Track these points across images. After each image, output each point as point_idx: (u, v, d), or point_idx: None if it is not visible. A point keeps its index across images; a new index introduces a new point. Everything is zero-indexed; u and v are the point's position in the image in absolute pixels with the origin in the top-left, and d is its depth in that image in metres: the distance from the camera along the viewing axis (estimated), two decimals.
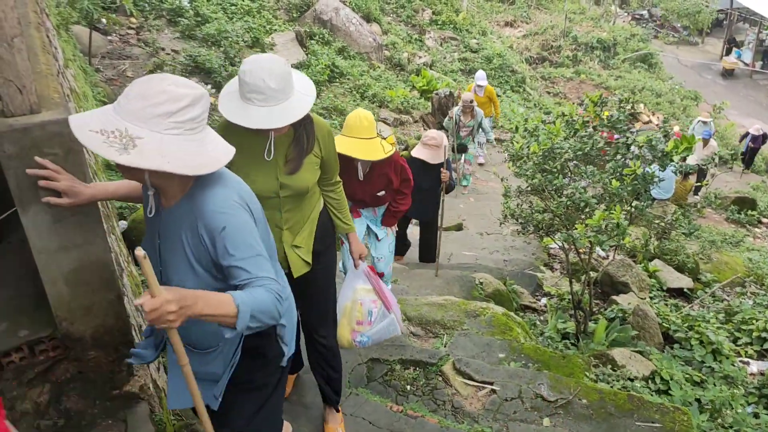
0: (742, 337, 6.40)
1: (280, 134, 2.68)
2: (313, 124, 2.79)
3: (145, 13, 11.75)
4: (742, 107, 23.59)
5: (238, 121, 2.41)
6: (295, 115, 2.47)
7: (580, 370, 4.55)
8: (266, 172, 2.70)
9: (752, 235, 11.92)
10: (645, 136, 4.86)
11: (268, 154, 2.66)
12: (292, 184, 2.74)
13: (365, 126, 3.76)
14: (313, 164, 2.80)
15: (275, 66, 2.42)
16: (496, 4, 26.44)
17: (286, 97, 2.45)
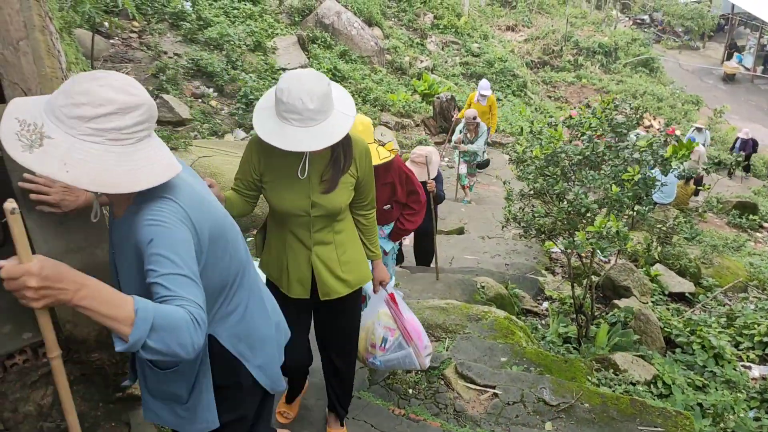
0: (744, 341, 6.39)
1: (317, 153, 2.56)
2: (351, 142, 2.64)
3: (148, 17, 11.78)
4: (743, 112, 23.60)
5: (275, 143, 2.30)
6: (335, 137, 2.33)
7: (582, 374, 4.55)
8: (298, 191, 2.59)
9: (753, 240, 11.92)
10: (646, 140, 4.86)
11: (302, 172, 2.54)
12: (324, 204, 2.61)
13: (359, 131, 3.43)
14: (348, 185, 2.66)
15: (316, 86, 2.28)
16: (498, 8, 26.50)
17: (325, 118, 2.33)
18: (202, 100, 10.71)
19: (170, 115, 9.52)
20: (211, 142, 8.63)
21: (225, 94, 11.13)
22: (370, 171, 2.75)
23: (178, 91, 10.38)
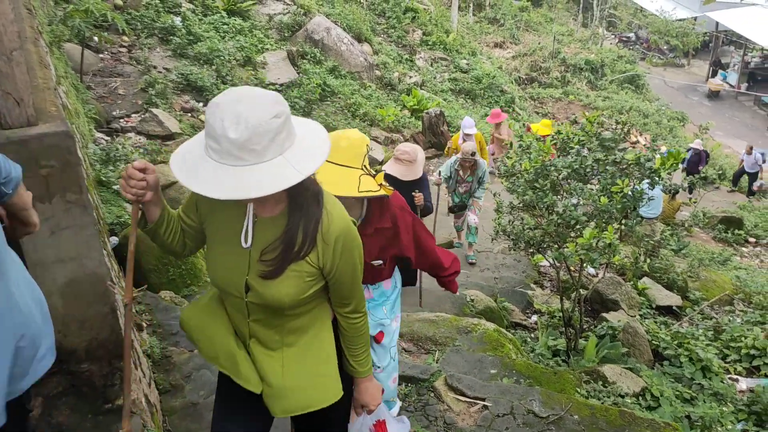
0: (731, 354, 6.43)
1: (271, 215, 1.93)
2: (322, 218, 1.91)
3: (137, 32, 11.80)
4: (728, 128, 23.89)
5: (175, 169, 1.73)
6: (252, 190, 1.65)
7: (571, 386, 4.56)
8: (235, 262, 1.96)
9: (739, 254, 12.02)
10: (634, 155, 4.92)
11: (245, 238, 1.92)
12: (262, 292, 1.93)
13: (342, 147, 2.63)
14: (305, 275, 1.94)
15: (254, 112, 1.64)
16: (486, 25, 26.76)
17: (254, 161, 1.66)
18: (191, 114, 10.72)
19: (159, 129, 9.51)
20: None
21: None
22: (349, 262, 1.99)
23: (168, 105, 10.38)
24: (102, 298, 2.33)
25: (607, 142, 5.08)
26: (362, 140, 2.68)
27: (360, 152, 2.65)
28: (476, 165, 7.84)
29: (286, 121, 1.71)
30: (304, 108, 12.55)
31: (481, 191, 8.00)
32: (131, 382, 2.01)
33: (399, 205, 2.95)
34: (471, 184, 8.01)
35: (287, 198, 1.91)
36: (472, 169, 7.86)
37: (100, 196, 5.36)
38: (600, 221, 4.74)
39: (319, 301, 2.09)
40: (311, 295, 1.99)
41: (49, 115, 2.19)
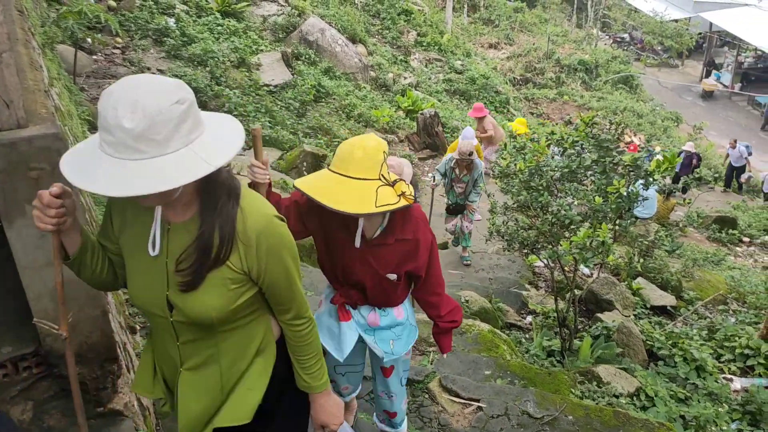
0: (725, 354, 6.45)
1: (182, 219, 1.73)
2: (236, 216, 1.72)
3: (131, 33, 11.78)
4: (722, 128, 23.97)
5: (66, 173, 1.51)
6: (154, 185, 1.44)
7: (565, 386, 4.56)
8: (152, 276, 1.76)
9: (733, 254, 12.05)
10: (631, 156, 4.93)
11: (152, 245, 1.71)
12: (183, 308, 1.74)
13: (357, 158, 2.36)
14: (230, 283, 1.74)
15: (153, 99, 1.46)
16: (480, 26, 26.79)
17: (155, 152, 1.46)
18: None
19: None
20: None
21: (209, 109, 11.10)
22: (279, 263, 1.79)
23: None
24: (93, 301, 2.31)
25: (605, 143, 5.08)
26: (379, 148, 2.40)
27: (377, 161, 2.38)
28: (473, 165, 7.58)
29: (190, 109, 1.54)
30: (299, 109, 12.54)
31: (475, 195, 7.76)
32: (80, 411, 1.97)
33: (423, 218, 2.74)
34: (467, 185, 7.75)
35: (199, 198, 1.71)
36: (469, 168, 7.61)
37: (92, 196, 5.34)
38: (595, 221, 4.74)
39: (258, 313, 1.91)
40: (243, 305, 1.79)
41: (39, 117, 2.17)
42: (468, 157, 7.42)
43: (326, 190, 2.32)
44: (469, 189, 7.76)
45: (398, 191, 2.38)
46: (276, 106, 12.10)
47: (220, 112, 1.75)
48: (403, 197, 2.39)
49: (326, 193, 2.30)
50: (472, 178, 7.65)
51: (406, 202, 2.39)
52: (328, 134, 12.16)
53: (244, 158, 9.48)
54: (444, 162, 7.84)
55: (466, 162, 7.51)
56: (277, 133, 10.93)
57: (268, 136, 10.73)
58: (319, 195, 2.29)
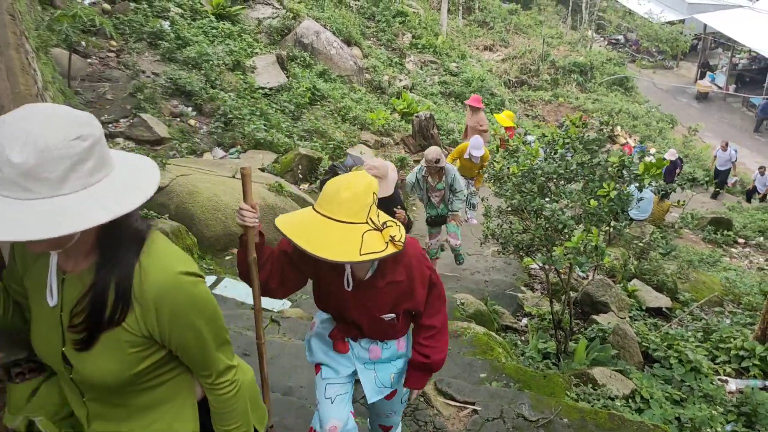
0: (721, 355, 6.46)
1: (77, 269, 1.55)
2: (134, 275, 1.51)
3: (126, 36, 11.75)
4: (717, 130, 24.04)
5: None
6: (41, 228, 1.28)
7: (561, 389, 4.56)
8: (50, 328, 1.60)
9: (729, 255, 12.08)
10: (617, 157, 4.94)
11: (50, 294, 1.55)
12: (80, 368, 1.57)
13: (344, 200, 2.21)
14: (126, 347, 1.55)
15: (46, 130, 1.31)
16: (475, 28, 26.84)
17: (51, 192, 1.31)
18: (180, 119, 10.68)
19: (148, 134, 9.48)
20: (189, 161, 8.60)
21: (204, 113, 11.11)
22: (188, 329, 1.59)
23: (157, 110, 10.34)
24: None
25: (591, 145, 5.09)
26: (368, 189, 2.23)
27: (365, 204, 2.21)
28: (443, 171, 6.93)
29: (94, 147, 1.37)
30: (294, 112, 12.54)
31: (457, 203, 7.07)
32: None
33: (417, 255, 2.53)
34: (443, 192, 7.08)
35: (97, 247, 1.52)
36: (440, 175, 6.95)
37: None
38: (588, 224, 4.75)
39: (176, 372, 1.71)
40: (148, 368, 1.60)
41: None
42: (435, 165, 6.77)
43: (308, 234, 2.15)
44: (447, 196, 7.10)
45: (386, 237, 2.21)
46: (271, 109, 12.08)
47: (133, 156, 1.57)
48: (392, 243, 2.21)
49: (308, 237, 2.13)
50: (447, 183, 7.00)
51: (394, 249, 2.20)
52: (324, 137, 12.15)
53: (238, 161, 9.47)
54: (414, 172, 7.13)
55: (435, 170, 6.90)
56: (272, 136, 10.92)
57: (263, 139, 10.72)
58: (301, 239, 2.12)
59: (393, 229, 2.23)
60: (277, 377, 3.98)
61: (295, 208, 7.47)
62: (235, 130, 10.76)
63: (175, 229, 5.49)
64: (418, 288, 2.52)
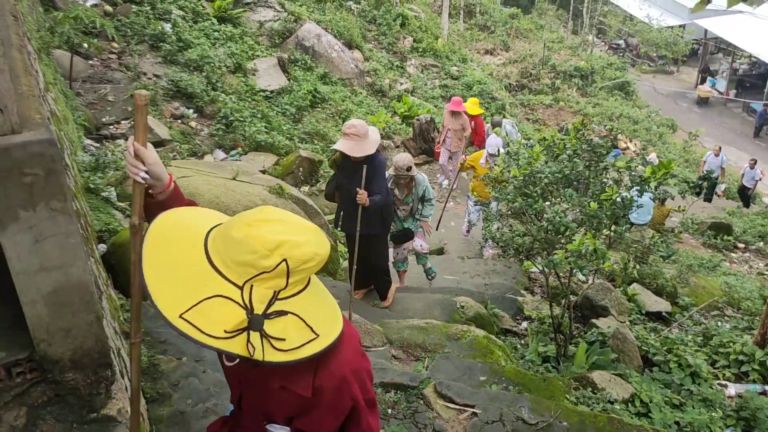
0: (720, 360, 6.46)
1: None
2: None
3: (127, 38, 11.77)
4: (717, 134, 24.04)
5: None
6: None
7: (560, 392, 4.56)
8: None
9: (728, 260, 12.08)
10: (624, 161, 4.95)
11: None
12: None
13: (230, 240, 1.48)
14: None
15: None
16: (476, 32, 26.86)
17: None
18: (181, 120, 10.69)
19: (149, 136, 9.49)
20: (190, 163, 8.60)
21: (205, 115, 11.12)
22: None
23: (158, 112, 10.35)
24: (87, 306, 2.30)
25: (599, 149, 5.10)
26: (279, 248, 1.40)
27: (255, 264, 1.40)
28: (413, 182, 6.21)
29: None
30: (295, 114, 12.56)
31: (429, 208, 6.40)
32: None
33: (342, 376, 1.61)
34: (411, 205, 6.37)
35: None
36: (409, 188, 6.22)
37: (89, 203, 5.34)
38: (589, 228, 4.75)
39: None
40: None
41: (33, 122, 2.17)
42: (406, 173, 5.99)
43: (167, 251, 1.50)
44: (416, 207, 6.43)
45: (253, 336, 1.40)
46: (272, 112, 12.10)
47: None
48: (285, 353, 1.44)
49: (161, 255, 1.48)
50: (417, 196, 6.31)
51: (283, 359, 1.44)
52: (324, 140, 12.16)
53: (240, 164, 9.48)
54: None
55: (405, 179, 6.09)
56: (273, 138, 10.93)
57: (264, 142, 10.73)
58: (150, 254, 1.47)
59: (290, 328, 1.44)
60: None
61: (295, 209, 7.47)
62: (236, 132, 10.77)
63: None
64: (327, 419, 1.66)
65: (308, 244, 1.44)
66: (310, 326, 1.48)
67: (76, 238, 2.20)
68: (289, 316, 1.44)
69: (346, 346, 1.64)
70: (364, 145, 4.71)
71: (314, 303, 1.54)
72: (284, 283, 1.43)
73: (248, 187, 7.40)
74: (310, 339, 1.47)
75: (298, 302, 1.47)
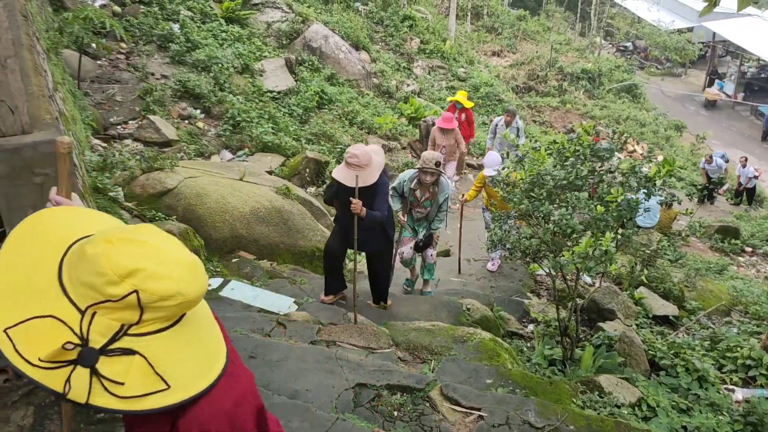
0: (727, 364, 6.42)
1: None
2: None
3: (136, 39, 11.82)
4: (725, 137, 23.97)
5: None
6: None
7: (567, 396, 4.55)
8: None
9: (736, 264, 12.03)
10: (628, 164, 4.94)
11: None
12: None
13: (84, 253, 1.20)
14: None
15: None
16: (483, 34, 26.85)
17: None
18: (189, 121, 10.72)
19: (156, 136, 9.51)
20: (197, 163, 8.62)
21: (212, 115, 11.14)
22: None
23: (165, 112, 10.38)
24: None
25: (602, 152, 5.09)
26: (128, 273, 1.14)
27: (99, 287, 1.14)
28: (438, 186, 6.08)
29: None
30: (302, 115, 12.57)
31: (438, 222, 6.30)
32: None
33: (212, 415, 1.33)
34: (429, 210, 6.26)
35: None
36: (432, 192, 6.09)
37: (96, 203, 5.35)
38: (596, 231, 4.74)
39: None
40: None
41: (43, 122, 2.18)
42: (434, 168, 5.84)
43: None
44: (432, 214, 6.30)
45: (80, 375, 1.13)
46: (279, 112, 12.12)
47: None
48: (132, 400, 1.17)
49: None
50: (437, 203, 6.17)
51: (128, 407, 1.17)
52: (331, 141, 12.17)
53: (247, 164, 9.49)
54: (402, 179, 6.24)
55: (431, 177, 5.93)
56: (279, 139, 10.94)
57: (271, 142, 10.75)
58: None
59: (133, 373, 1.17)
60: (284, 380, 3.98)
61: (302, 210, 7.48)
62: (243, 132, 10.79)
63: (183, 231, 5.50)
64: None
65: (170, 278, 1.16)
66: (159, 374, 1.19)
67: None
68: (136, 358, 1.16)
69: (222, 392, 1.34)
70: (366, 175, 4.54)
71: (180, 347, 1.24)
72: (136, 318, 1.16)
73: (255, 188, 7.41)
74: (157, 390, 1.19)
75: (155, 342, 1.19)
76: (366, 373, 4.23)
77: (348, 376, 4.16)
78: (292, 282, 6.13)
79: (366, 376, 4.21)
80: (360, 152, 4.60)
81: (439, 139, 10.65)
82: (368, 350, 4.77)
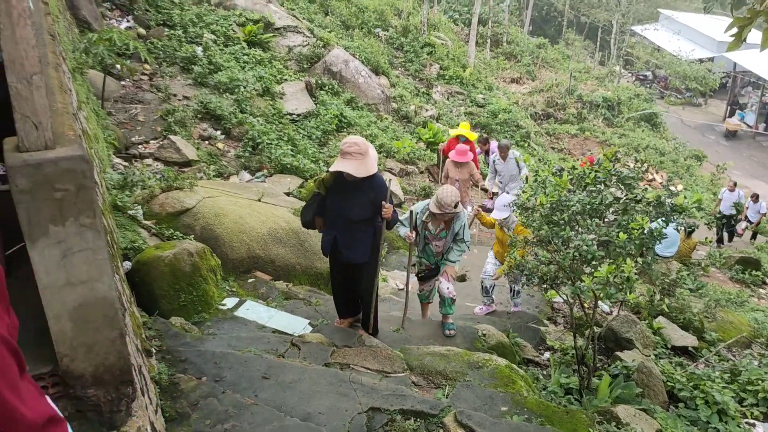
0: (748, 397, 6.29)
1: None
2: None
3: (159, 60, 12.00)
4: (746, 168, 23.77)
5: None
6: None
7: (583, 426, 4.46)
8: None
9: (756, 296, 11.84)
10: (654, 193, 4.90)
11: None
12: None
13: None
14: None
15: None
16: (502, 61, 26.98)
17: None
18: (209, 142, 10.82)
19: (177, 156, 9.61)
20: (216, 183, 8.68)
21: (232, 136, 11.24)
22: None
23: (186, 132, 10.50)
24: (111, 322, 2.31)
25: (628, 180, 5.06)
26: None
27: None
28: (454, 218, 5.74)
29: None
30: (321, 138, 12.65)
31: (456, 253, 5.89)
32: None
33: None
34: (445, 240, 5.89)
35: None
36: (448, 224, 5.79)
37: (116, 220, 5.40)
38: (619, 258, 4.68)
39: None
40: None
41: (66, 139, 2.21)
42: (453, 211, 5.57)
43: None
44: (448, 244, 5.92)
45: None
46: (298, 135, 12.20)
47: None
48: None
49: None
50: (452, 232, 5.82)
51: None
52: None
53: (265, 185, 9.55)
54: (414, 212, 5.91)
55: (445, 218, 5.69)
56: (298, 161, 11.01)
57: (290, 164, 10.82)
58: None
59: None
60: (296, 402, 3.95)
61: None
62: (262, 154, 10.86)
63: (200, 250, 5.52)
64: None
65: None
66: None
67: (104, 254, 2.22)
68: None
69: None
70: (367, 163, 4.36)
71: None
72: None
73: (273, 209, 7.43)
74: None
75: None
76: (380, 397, 4.18)
77: (361, 400, 4.12)
78: (308, 303, 6.11)
79: (379, 400, 4.17)
80: (359, 140, 4.43)
81: (452, 172, 10.50)
82: (382, 374, 4.73)
